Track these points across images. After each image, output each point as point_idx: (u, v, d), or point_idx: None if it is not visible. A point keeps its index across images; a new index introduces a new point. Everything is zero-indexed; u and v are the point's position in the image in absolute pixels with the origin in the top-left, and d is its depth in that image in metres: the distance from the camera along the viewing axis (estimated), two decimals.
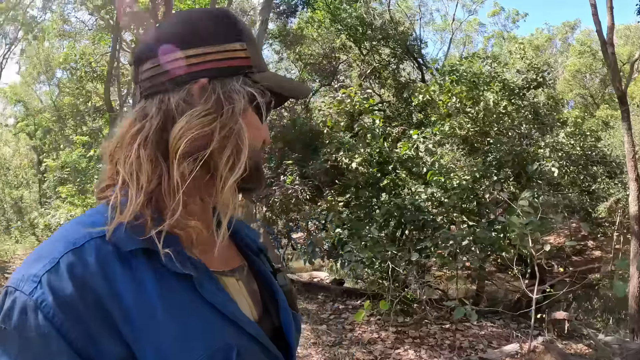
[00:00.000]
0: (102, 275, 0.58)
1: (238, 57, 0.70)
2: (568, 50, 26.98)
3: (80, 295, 0.56)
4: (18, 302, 0.57)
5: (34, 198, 24.21)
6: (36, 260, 0.59)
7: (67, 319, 0.56)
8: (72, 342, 0.55)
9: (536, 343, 4.54)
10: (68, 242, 0.60)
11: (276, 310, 0.78)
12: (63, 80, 22.06)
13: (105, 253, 0.60)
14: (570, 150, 9.26)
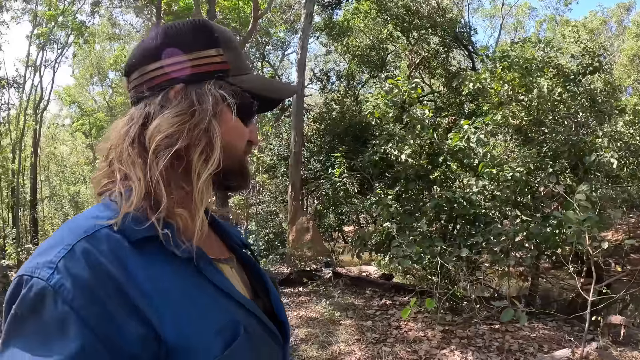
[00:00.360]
0: (117, 261, 0.62)
1: (213, 62, 0.76)
2: (624, 34, 25.40)
3: (98, 279, 0.60)
4: (35, 288, 0.59)
5: (90, 193, 25.35)
6: (48, 249, 0.62)
7: (86, 302, 0.58)
8: (92, 326, 0.57)
9: (589, 349, 4.25)
10: (79, 231, 0.64)
11: (266, 296, 0.86)
12: (115, 81, 22.91)
13: (115, 240, 0.64)
14: (630, 140, 8.69)
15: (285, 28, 20.03)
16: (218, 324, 0.67)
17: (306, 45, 12.23)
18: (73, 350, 0.56)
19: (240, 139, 0.79)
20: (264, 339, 0.76)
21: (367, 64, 17.52)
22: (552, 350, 4.46)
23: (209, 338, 0.65)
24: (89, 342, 0.57)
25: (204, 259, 0.72)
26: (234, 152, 0.78)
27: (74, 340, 0.56)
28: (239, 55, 0.81)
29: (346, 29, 16.83)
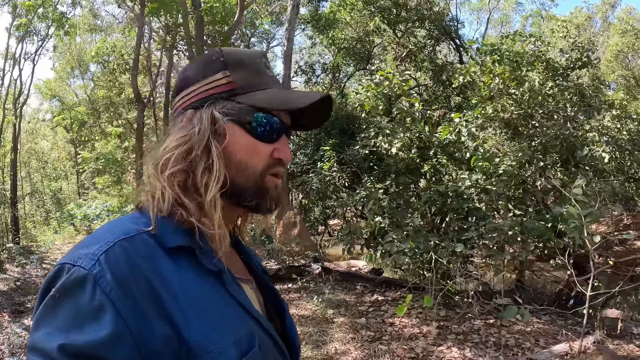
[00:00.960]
0: (151, 263, 0.67)
1: (219, 85, 0.79)
2: (609, 30, 25.73)
3: (134, 277, 0.64)
4: (76, 275, 0.63)
5: (72, 189, 24.89)
6: (91, 243, 0.67)
7: (122, 295, 0.62)
8: (125, 317, 0.62)
9: (586, 343, 4.24)
10: (120, 232, 0.69)
11: (279, 319, 0.90)
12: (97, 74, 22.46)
13: (152, 245, 0.69)
14: (617, 134, 8.78)
15: (271, 20, 19.81)
16: (237, 334, 0.71)
17: (292, 37, 12.07)
18: (103, 336, 0.60)
19: (254, 156, 0.79)
20: (275, 356, 0.79)
21: (352, 57, 17.43)
22: (548, 345, 4.44)
23: (227, 345, 0.69)
24: (120, 330, 0.61)
25: (228, 275, 0.76)
26: (248, 170, 0.78)
27: (106, 326, 0.61)
28: (252, 74, 0.81)
29: (332, 21, 16.70)
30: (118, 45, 17.42)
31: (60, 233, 18.48)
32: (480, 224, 5.69)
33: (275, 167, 0.81)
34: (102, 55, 17.61)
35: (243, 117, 0.78)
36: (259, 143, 0.79)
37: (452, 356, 4.26)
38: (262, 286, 0.92)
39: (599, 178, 8.67)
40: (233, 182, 0.77)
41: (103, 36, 20.48)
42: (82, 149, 20.23)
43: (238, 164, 0.78)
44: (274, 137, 0.80)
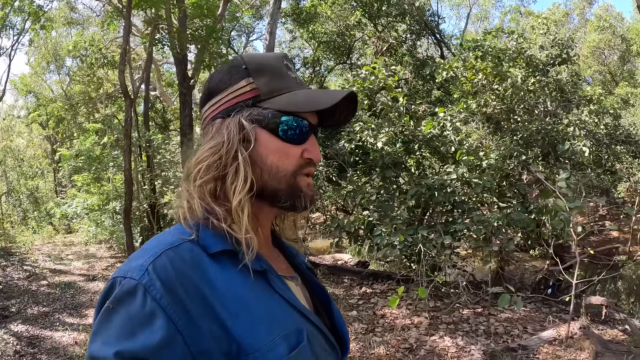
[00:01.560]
0: (198, 268, 0.71)
1: (244, 93, 0.82)
2: (586, 26, 26.29)
3: (182, 283, 0.68)
4: (127, 286, 0.67)
5: (49, 188, 24.35)
6: (140, 256, 0.71)
7: (171, 301, 0.66)
8: (175, 321, 0.65)
9: (573, 329, 4.40)
10: (166, 243, 0.73)
11: (326, 314, 0.92)
12: (73, 69, 21.99)
13: (197, 252, 0.73)
14: (595, 128, 9.03)
15: (251, 13, 19.70)
16: (285, 329, 0.74)
17: (275, 30, 12.07)
18: (156, 340, 0.64)
19: (284, 159, 0.81)
20: (324, 348, 0.81)
21: (333, 51, 17.45)
22: (536, 332, 4.58)
23: (276, 341, 0.72)
24: (171, 334, 0.65)
25: (273, 273, 0.80)
26: (279, 173, 0.80)
27: (158, 331, 0.64)
28: (275, 78, 0.83)
29: (313, 15, 16.68)
30: (96, 39, 17.08)
31: (39, 233, 18.10)
32: (466, 217, 5.81)
33: (306, 167, 0.83)
34: (80, 49, 17.22)
35: (270, 122, 0.80)
36: (288, 146, 0.81)
37: (445, 345, 4.37)
38: (308, 282, 0.94)
39: (577, 171, 8.93)
40: (266, 185, 0.80)
41: (80, 30, 20.04)
42: (60, 146, 19.82)
43: (270, 168, 0.80)
44: (302, 138, 0.82)
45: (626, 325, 4.80)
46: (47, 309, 6.86)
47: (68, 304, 7.13)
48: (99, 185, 13.50)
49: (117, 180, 12.84)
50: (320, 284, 0.96)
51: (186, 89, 9.05)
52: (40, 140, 26.46)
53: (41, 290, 8.05)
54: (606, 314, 4.84)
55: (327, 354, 0.82)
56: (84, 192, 14.20)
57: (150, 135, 13.09)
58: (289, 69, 0.86)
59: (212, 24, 8.72)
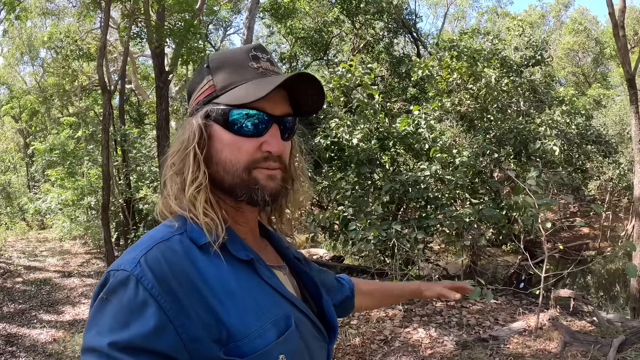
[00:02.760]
0: (188, 259, 0.73)
1: (204, 91, 0.84)
2: (561, 28, 26.89)
3: (173, 273, 0.70)
4: (120, 277, 0.70)
5: (21, 182, 23.79)
6: (132, 250, 0.74)
7: (163, 290, 0.68)
8: (166, 310, 0.68)
9: (542, 320, 4.56)
10: (157, 237, 0.76)
11: (316, 302, 0.94)
12: (47, 60, 21.49)
13: (187, 243, 0.76)
14: (566, 128, 9.29)
15: (229, 7, 19.57)
16: (273, 316, 0.76)
17: (252, 25, 12.01)
18: (147, 328, 0.66)
19: (236, 153, 0.80)
20: (312, 333, 0.85)
21: (310, 47, 17.47)
22: (507, 323, 4.74)
23: (266, 326, 0.74)
24: (162, 322, 0.67)
25: (260, 262, 0.82)
26: (233, 167, 0.81)
27: (150, 319, 0.66)
28: (231, 73, 0.83)
29: (291, 11, 16.67)
30: (72, 30, 16.73)
31: (12, 229, 17.68)
32: (439, 212, 5.95)
33: (263, 161, 0.81)
34: (55, 41, 16.84)
35: (221, 116, 0.80)
36: (241, 139, 0.80)
37: (419, 336, 4.49)
38: (296, 272, 0.96)
39: (549, 169, 9.20)
40: (223, 179, 0.81)
41: (55, 20, 19.58)
42: (33, 139, 19.37)
43: (224, 163, 0.81)
44: (257, 131, 0.81)
45: (594, 317, 5.01)
46: (24, 306, 6.77)
47: (44, 301, 7.05)
48: (73, 180, 13.26)
49: (91, 175, 12.64)
50: (308, 273, 0.97)
51: (163, 83, 8.99)
52: (13, 133, 25.81)
53: (16, 287, 7.92)
54: (574, 306, 5.03)
55: (315, 339, 0.85)
56: (58, 187, 13.93)
57: (126, 129, 12.92)
58: (257, 60, 0.84)
59: (190, 18, 8.67)
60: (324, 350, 0.89)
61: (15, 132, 25.29)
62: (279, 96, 0.83)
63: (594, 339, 4.14)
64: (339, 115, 7.74)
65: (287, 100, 0.86)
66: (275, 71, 0.86)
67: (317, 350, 0.86)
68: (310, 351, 0.82)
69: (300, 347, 0.79)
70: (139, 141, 13.41)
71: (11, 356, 4.88)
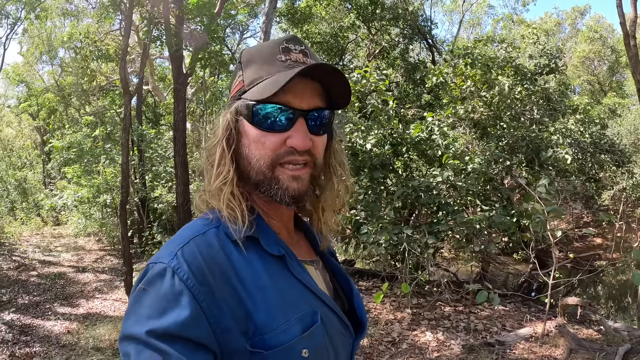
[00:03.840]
0: (223, 253, 0.77)
1: (235, 86, 0.86)
2: (577, 36, 26.71)
3: (208, 266, 0.74)
4: (157, 269, 0.73)
5: (37, 179, 24.18)
6: (170, 244, 0.77)
7: (197, 282, 0.71)
8: (200, 301, 0.71)
9: (549, 327, 4.60)
10: (194, 231, 0.79)
11: (347, 297, 0.96)
12: (66, 60, 21.86)
13: (222, 237, 0.79)
14: (580, 137, 9.27)
15: (246, 11, 19.78)
16: (300, 311, 0.78)
17: (269, 30, 12.13)
18: (183, 317, 0.69)
19: (260, 149, 0.81)
20: (338, 329, 0.86)
21: (326, 52, 17.58)
22: (514, 329, 4.79)
23: (291, 321, 0.77)
24: (196, 312, 0.70)
25: (292, 258, 0.84)
26: (257, 163, 0.82)
27: (184, 309, 0.70)
28: (258, 68, 0.82)
29: (308, 16, 16.82)
30: (91, 31, 17.04)
31: (28, 224, 18.01)
32: (450, 218, 6.01)
33: (287, 156, 0.81)
34: (74, 41, 17.15)
35: (246, 112, 0.81)
36: (266, 134, 0.81)
37: (426, 339, 4.56)
38: (329, 267, 0.98)
39: (561, 177, 9.19)
40: (249, 175, 0.83)
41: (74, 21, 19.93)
42: (50, 137, 19.73)
43: (250, 158, 0.82)
44: (282, 125, 0.80)
45: (601, 326, 5.03)
46: (38, 298, 6.94)
47: (59, 294, 7.21)
48: (89, 177, 13.48)
49: (108, 173, 12.85)
50: (341, 269, 0.99)
51: (181, 85, 9.15)
52: (30, 130, 26.27)
53: (31, 280, 8.11)
54: (581, 314, 5.05)
55: (341, 335, 0.87)
56: (74, 184, 14.17)
57: (143, 130, 13.12)
58: (288, 52, 0.82)
59: (208, 23, 8.84)
60: (348, 347, 0.90)
61: (32, 129, 25.74)
62: (308, 89, 0.82)
63: (600, 347, 4.18)
64: (354, 120, 7.82)
65: (318, 93, 0.83)
66: (306, 63, 0.82)
67: (341, 346, 0.87)
68: (334, 347, 0.84)
69: (325, 342, 0.81)
70: (155, 141, 13.63)
71: (25, 345, 5.03)
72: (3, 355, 4.76)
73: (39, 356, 4.76)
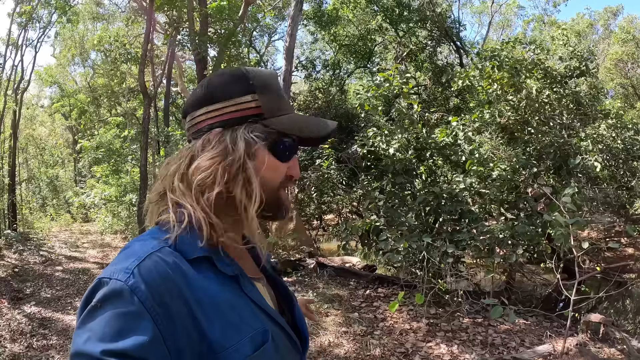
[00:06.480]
0: (180, 272, 0.76)
1: (248, 108, 0.85)
2: (609, 37, 25.88)
3: (165, 285, 0.73)
4: (113, 287, 0.71)
5: (69, 177, 24.88)
6: (124, 259, 0.75)
7: (155, 303, 0.70)
8: (158, 324, 0.70)
9: (569, 345, 4.41)
10: (148, 248, 0.77)
11: (290, 312, 0.99)
12: (97, 62, 22.43)
13: (177, 256, 0.78)
14: (612, 143, 8.93)
15: (273, 14, 19.89)
16: (252, 330, 0.80)
17: (295, 33, 12.19)
18: (141, 341, 0.68)
19: (274, 174, 0.87)
20: (288, 347, 0.88)
21: (353, 54, 17.53)
22: (533, 345, 4.61)
23: (243, 341, 0.77)
24: (154, 336, 0.69)
25: (244, 278, 0.85)
26: (269, 186, 0.86)
27: (143, 332, 0.68)
28: (275, 98, 0.88)
29: (335, 18, 16.80)
30: (120, 34, 17.42)
31: (57, 220, 18.51)
32: (472, 226, 5.84)
33: (287, 182, 0.90)
34: (104, 44, 17.58)
35: (271, 140, 0.86)
36: (278, 162, 0.87)
37: (440, 352, 4.43)
38: (273, 282, 1.01)
39: (591, 185, 8.86)
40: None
41: (104, 24, 20.43)
42: (81, 137, 20.26)
43: (263, 182, 0.85)
44: (291, 157, 0.89)
45: (624, 345, 4.79)
46: (61, 293, 7.09)
47: (81, 289, 7.34)
48: (117, 177, 13.75)
49: (134, 173, 13.10)
50: (283, 282, 1.03)
51: None
52: (62, 130, 27.05)
53: (56, 275, 8.30)
54: (604, 332, 4.83)
55: (290, 352, 0.88)
56: (102, 182, 14.48)
57: (169, 131, 13.30)
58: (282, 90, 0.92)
59: (232, 27, 8.89)
60: None
61: (64, 129, 26.49)
62: None
63: None
64: (379, 124, 7.72)
65: None
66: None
67: None
68: None
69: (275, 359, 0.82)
70: (182, 142, 13.82)
71: (43, 338, 5.10)
72: (20, 346, 4.85)
73: (55, 349, 4.83)
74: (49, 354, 4.68)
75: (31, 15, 14.98)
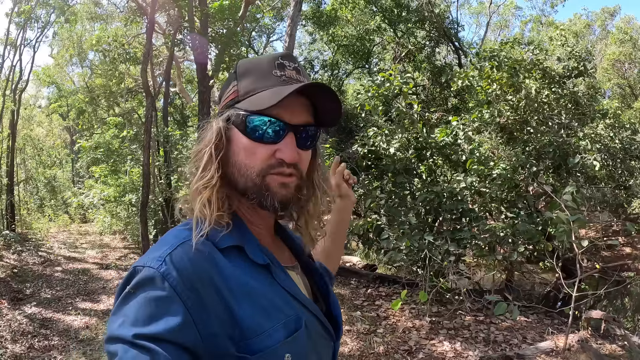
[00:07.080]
0: (211, 260, 0.78)
1: (229, 95, 0.88)
2: (607, 38, 25.98)
3: (196, 272, 0.74)
4: (146, 274, 0.73)
5: (66, 177, 24.82)
6: (157, 249, 0.78)
7: (186, 288, 0.72)
8: (188, 307, 0.72)
9: (571, 341, 4.45)
10: (180, 237, 0.79)
11: (324, 299, 0.99)
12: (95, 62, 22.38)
13: (209, 245, 0.79)
14: (609, 142, 8.99)
15: (272, 14, 19.90)
16: (285, 317, 0.81)
17: (294, 33, 12.17)
18: (172, 324, 0.70)
19: (251, 158, 0.84)
20: (321, 334, 0.89)
21: (352, 54, 17.55)
22: (535, 342, 4.65)
23: (276, 327, 0.79)
24: (185, 319, 0.71)
25: (275, 265, 0.86)
26: (247, 171, 0.84)
27: (174, 316, 0.70)
28: (253, 80, 0.85)
29: (333, 19, 16.82)
30: (119, 34, 17.40)
31: (55, 221, 18.46)
32: (473, 225, 5.88)
33: (277, 167, 0.84)
34: (103, 44, 17.53)
35: (239, 121, 0.84)
36: (256, 145, 0.83)
37: (443, 349, 4.47)
38: (308, 269, 1.01)
39: (590, 184, 8.92)
40: (237, 181, 0.85)
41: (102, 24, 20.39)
42: (79, 137, 20.22)
43: (239, 166, 0.84)
44: (273, 138, 0.83)
45: (625, 341, 4.84)
46: (61, 293, 7.08)
47: (81, 289, 7.34)
48: (116, 177, 13.73)
49: (133, 173, 13.08)
50: (318, 270, 1.02)
51: (205, 87, 9.25)
52: (60, 130, 26.98)
53: (55, 275, 8.30)
54: (605, 329, 4.88)
55: (323, 339, 0.90)
56: (101, 183, 14.46)
57: (169, 131, 13.30)
58: (282, 68, 0.86)
59: (232, 27, 8.91)
60: (330, 349, 0.93)
61: (62, 129, 26.43)
62: (299, 105, 0.85)
63: None
64: (379, 124, 7.75)
65: (308, 110, 0.87)
66: (299, 80, 0.86)
67: (324, 350, 0.91)
68: (317, 351, 0.87)
69: (308, 347, 0.83)
70: (181, 143, 13.82)
71: (44, 338, 5.12)
72: (22, 347, 4.86)
73: (57, 349, 4.84)
74: (50, 355, 4.69)
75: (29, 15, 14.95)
